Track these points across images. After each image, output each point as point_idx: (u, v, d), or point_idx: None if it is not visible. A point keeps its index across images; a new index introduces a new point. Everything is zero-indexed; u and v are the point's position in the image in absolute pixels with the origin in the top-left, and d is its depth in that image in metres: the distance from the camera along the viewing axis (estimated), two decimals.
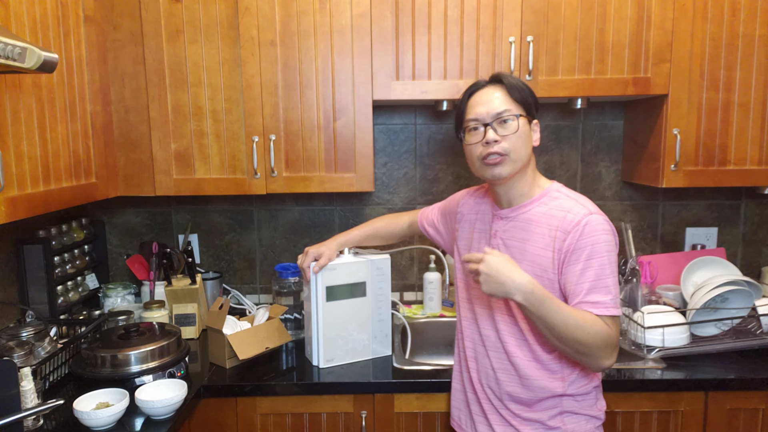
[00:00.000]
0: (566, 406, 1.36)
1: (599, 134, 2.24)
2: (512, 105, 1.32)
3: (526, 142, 1.33)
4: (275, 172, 1.89)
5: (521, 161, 1.32)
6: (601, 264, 1.25)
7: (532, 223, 1.34)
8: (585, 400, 1.37)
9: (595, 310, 1.24)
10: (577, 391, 1.36)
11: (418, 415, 1.66)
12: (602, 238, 1.26)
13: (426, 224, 1.72)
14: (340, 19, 1.84)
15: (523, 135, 1.32)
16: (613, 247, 1.28)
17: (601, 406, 1.41)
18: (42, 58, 1.16)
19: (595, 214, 1.28)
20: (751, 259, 2.30)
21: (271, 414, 1.66)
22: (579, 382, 1.36)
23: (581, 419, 1.37)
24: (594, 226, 1.26)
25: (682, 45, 1.83)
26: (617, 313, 1.26)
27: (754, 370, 1.65)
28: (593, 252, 1.25)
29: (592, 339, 1.22)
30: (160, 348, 1.60)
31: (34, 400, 1.34)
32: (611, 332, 1.25)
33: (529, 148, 1.34)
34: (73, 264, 2.03)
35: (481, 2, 1.83)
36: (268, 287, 2.32)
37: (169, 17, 1.84)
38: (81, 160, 1.67)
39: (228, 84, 1.88)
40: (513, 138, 1.30)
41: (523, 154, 1.32)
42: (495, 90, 1.34)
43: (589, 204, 1.32)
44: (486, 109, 1.32)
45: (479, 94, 1.36)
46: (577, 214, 1.28)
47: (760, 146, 1.88)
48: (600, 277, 1.25)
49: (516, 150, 1.31)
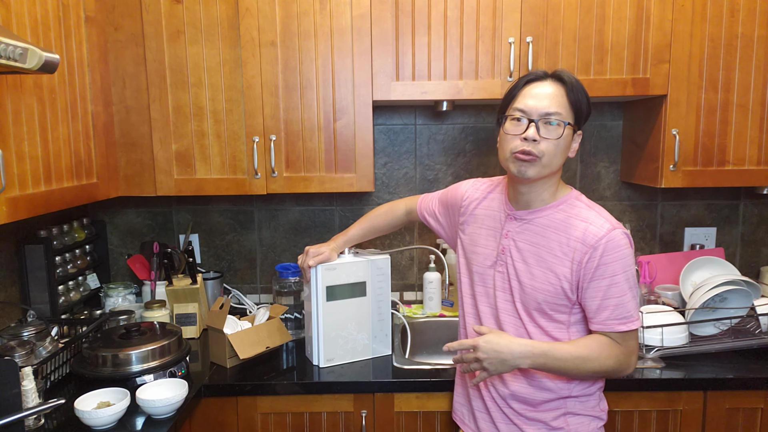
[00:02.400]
0: (570, 407, 1.36)
1: (598, 134, 2.25)
2: (565, 109, 1.27)
3: (563, 151, 1.29)
4: (276, 172, 1.90)
5: (551, 168, 1.29)
6: (626, 279, 1.26)
7: (549, 229, 1.32)
8: (588, 400, 1.37)
9: (623, 327, 1.27)
10: (581, 393, 1.36)
11: (418, 414, 1.67)
12: (625, 253, 1.26)
13: (426, 213, 1.67)
14: (341, 19, 1.85)
15: (563, 143, 1.28)
16: (633, 260, 1.29)
17: (603, 406, 1.41)
18: (43, 59, 1.17)
19: (617, 230, 1.27)
20: (750, 258, 2.30)
21: (271, 413, 1.66)
22: (584, 383, 1.36)
23: (584, 420, 1.37)
24: (617, 242, 1.25)
25: (681, 45, 1.83)
26: (639, 325, 1.30)
27: (753, 370, 1.65)
28: (617, 269, 1.25)
29: (605, 366, 1.28)
30: (161, 347, 1.61)
31: (36, 400, 1.34)
32: (626, 349, 1.29)
33: (564, 157, 1.31)
34: (74, 264, 2.04)
35: (481, 3, 1.83)
36: (269, 287, 2.33)
37: (169, 18, 1.85)
38: (82, 161, 1.67)
39: (229, 84, 1.88)
40: (552, 143, 1.26)
41: (555, 162, 1.29)
42: (554, 87, 1.28)
43: (609, 216, 1.31)
44: (537, 104, 1.26)
45: (536, 85, 1.29)
46: (600, 227, 1.27)
47: (758, 146, 1.88)
48: (624, 292, 1.26)
49: (550, 155, 1.27)
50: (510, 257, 1.36)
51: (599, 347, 1.27)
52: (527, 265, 1.33)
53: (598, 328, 1.29)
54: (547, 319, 1.33)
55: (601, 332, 1.29)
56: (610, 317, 1.27)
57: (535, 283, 1.32)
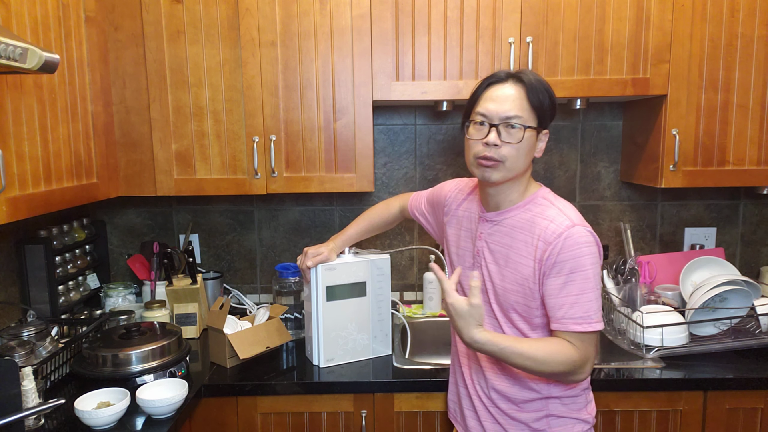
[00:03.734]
0: (552, 409, 1.34)
1: (598, 134, 2.25)
2: (525, 111, 1.25)
3: (526, 153, 1.28)
4: (276, 172, 1.90)
5: (516, 170, 1.28)
6: (585, 278, 1.22)
7: (516, 230, 1.31)
8: (573, 403, 1.35)
9: (578, 327, 1.22)
10: (563, 393, 1.34)
11: (418, 414, 1.67)
12: (585, 251, 1.22)
13: (416, 212, 1.70)
14: (341, 19, 1.85)
15: (526, 146, 1.27)
16: (596, 259, 1.24)
17: (590, 409, 1.39)
18: (43, 59, 1.17)
19: (577, 226, 1.24)
20: (750, 258, 2.30)
21: (271, 413, 1.66)
22: (566, 383, 1.34)
23: (568, 422, 1.35)
24: (576, 238, 1.22)
25: (681, 46, 1.83)
26: (599, 328, 1.24)
27: (753, 370, 1.65)
28: (576, 266, 1.22)
29: (559, 368, 1.23)
30: (161, 347, 1.61)
31: (36, 400, 1.34)
32: (582, 354, 1.23)
33: (528, 159, 1.30)
34: (74, 264, 2.04)
35: (481, 3, 1.83)
36: (269, 287, 2.33)
37: (169, 18, 1.85)
38: (82, 161, 1.67)
39: (229, 84, 1.88)
40: (514, 147, 1.25)
41: (519, 165, 1.28)
42: (515, 89, 1.26)
43: (573, 213, 1.28)
44: (497, 108, 1.26)
45: (496, 88, 1.28)
46: (560, 225, 1.24)
47: (758, 146, 1.88)
48: (583, 291, 1.22)
49: (513, 159, 1.26)
50: (484, 259, 1.37)
51: (558, 351, 1.23)
52: (498, 266, 1.34)
53: (556, 327, 1.25)
54: (523, 321, 1.32)
55: (559, 332, 1.25)
56: (565, 316, 1.23)
57: (506, 285, 1.32)
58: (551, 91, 1.30)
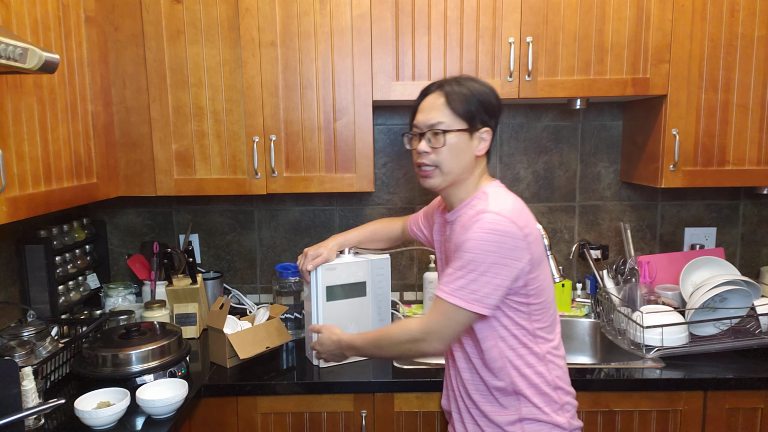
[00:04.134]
0: (525, 412, 1.31)
1: (598, 134, 2.25)
2: (448, 117, 1.28)
3: (458, 155, 1.29)
4: (276, 172, 1.90)
5: (453, 174, 1.30)
6: (471, 259, 1.20)
7: (462, 228, 1.28)
8: (546, 405, 1.31)
9: (439, 292, 1.25)
10: (532, 393, 1.30)
11: (418, 414, 1.67)
12: (485, 236, 1.20)
13: (415, 229, 1.70)
14: (341, 19, 1.85)
15: (454, 149, 1.28)
16: (495, 247, 1.19)
17: (570, 417, 1.34)
18: (43, 59, 1.17)
19: (489, 213, 1.22)
20: (750, 258, 2.30)
21: (271, 413, 1.66)
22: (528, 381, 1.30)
23: (544, 427, 1.31)
24: (482, 223, 1.21)
25: (681, 46, 1.83)
26: (458, 303, 1.21)
27: (753, 370, 1.65)
28: (470, 247, 1.21)
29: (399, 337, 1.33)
30: (160, 347, 1.61)
31: (36, 400, 1.34)
32: (425, 322, 1.27)
33: (465, 160, 1.30)
34: (74, 264, 2.04)
35: (481, 3, 1.83)
36: (269, 287, 2.33)
37: (169, 18, 1.85)
38: (82, 161, 1.67)
39: (229, 84, 1.88)
40: (443, 151, 1.28)
41: (454, 168, 1.30)
42: (438, 97, 1.31)
43: (499, 203, 1.25)
44: (424, 118, 1.31)
45: (426, 98, 1.34)
46: (477, 211, 1.24)
47: (758, 146, 1.88)
48: (463, 266, 1.21)
49: (446, 163, 1.29)
50: (445, 262, 1.41)
51: (390, 327, 1.38)
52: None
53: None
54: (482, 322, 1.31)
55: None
56: (440, 282, 1.26)
57: None
58: (483, 92, 1.31)
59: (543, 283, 1.29)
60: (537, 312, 1.29)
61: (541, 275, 1.28)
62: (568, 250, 2.31)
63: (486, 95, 1.32)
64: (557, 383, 1.33)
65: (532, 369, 1.30)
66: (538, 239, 1.27)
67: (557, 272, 1.91)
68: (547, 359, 1.32)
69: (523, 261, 1.22)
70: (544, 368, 1.31)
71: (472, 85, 1.31)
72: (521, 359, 1.29)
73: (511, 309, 1.27)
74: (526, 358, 1.30)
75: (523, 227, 1.22)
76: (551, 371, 1.32)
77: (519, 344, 1.29)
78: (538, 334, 1.30)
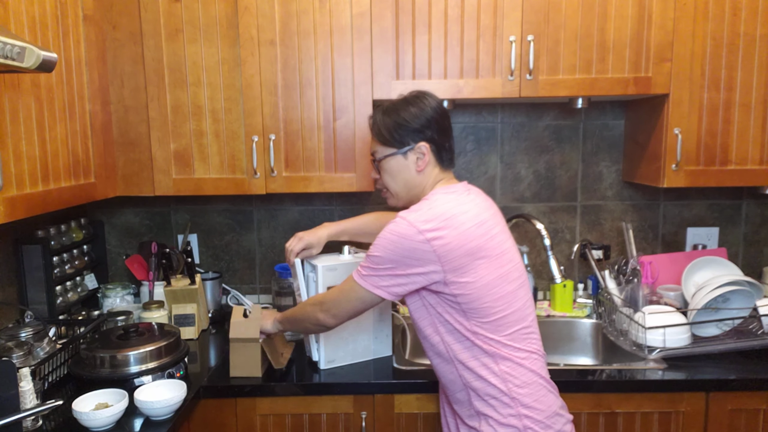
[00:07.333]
0: (478, 406, 1.30)
1: (600, 134, 2.24)
2: (377, 145, 1.41)
3: (396, 177, 1.40)
4: (275, 171, 1.89)
5: (402, 193, 1.42)
6: (374, 254, 1.30)
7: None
8: (501, 408, 1.28)
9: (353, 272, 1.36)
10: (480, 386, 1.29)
11: (418, 415, 1.66)
12: (386, 236, 1.28)
13: None
14: (340, 18, 1.84)
15: (392, 172, 1.40)
16: (393, 246, 1.27)
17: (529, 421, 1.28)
18: (41, 58, 1.16)
19: (398, 217, 1.29)
20: (753, 259, 2.29)
21: (270, 415, 1.65)
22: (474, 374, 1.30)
23: (500, 428, 1.28)
24: (391, 226, 1.29)
25: (683, 44, 1.82)
26: (357, 280, 1.34)
27: (756, 371, 1.64)
28: (376, 243, 1.30)
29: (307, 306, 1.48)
30: (159, 348, 1.60)
31: (33, 401, 1.33)
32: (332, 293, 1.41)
33: (405, 179, 1.39)
34: (72, 264, 2.03)
35: (482, 1, 1.82)
36: (268, 287, 2.32)
37: (168, 16, 1.84)
38: (80, 160, 1.66)
39: (227, 83, 1.87)
40: (384, 176, 1.42)
41: (399, 188, 1.41)
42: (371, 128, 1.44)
43: (421, 209, 1.29)
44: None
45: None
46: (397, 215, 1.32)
47: (761, 146, 1.87)
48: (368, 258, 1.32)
49: (390, 186, 1.42)
50: None
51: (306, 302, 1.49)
52: None
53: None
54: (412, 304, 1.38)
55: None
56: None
57: None
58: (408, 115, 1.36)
59: (479, 291, 1.27)
60: (473, 312, 1.28)
61: (476, 283, 1.26)
62: (569, 250, 2.30)
63: (411, 115, 1.37)
64: (513, 393, 1.28)
65: (478, 361, 1.30)
66: (456, 246, 1.25)
67: (558, 273, 1.90)
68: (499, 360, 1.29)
69: (429, 265, 1.26)
70: (496, 368, 1.28)
71: (398, 111, 1.37)
72: (467, 351, 1.30)
73: (445, 302, 1.30)
74: (472, 350, 1.30)
75: (427, 231, 1.25)
76: (506, 381, 1.29)
77: (462, 337, 1.30)
78: (478, 332, 1.29)
